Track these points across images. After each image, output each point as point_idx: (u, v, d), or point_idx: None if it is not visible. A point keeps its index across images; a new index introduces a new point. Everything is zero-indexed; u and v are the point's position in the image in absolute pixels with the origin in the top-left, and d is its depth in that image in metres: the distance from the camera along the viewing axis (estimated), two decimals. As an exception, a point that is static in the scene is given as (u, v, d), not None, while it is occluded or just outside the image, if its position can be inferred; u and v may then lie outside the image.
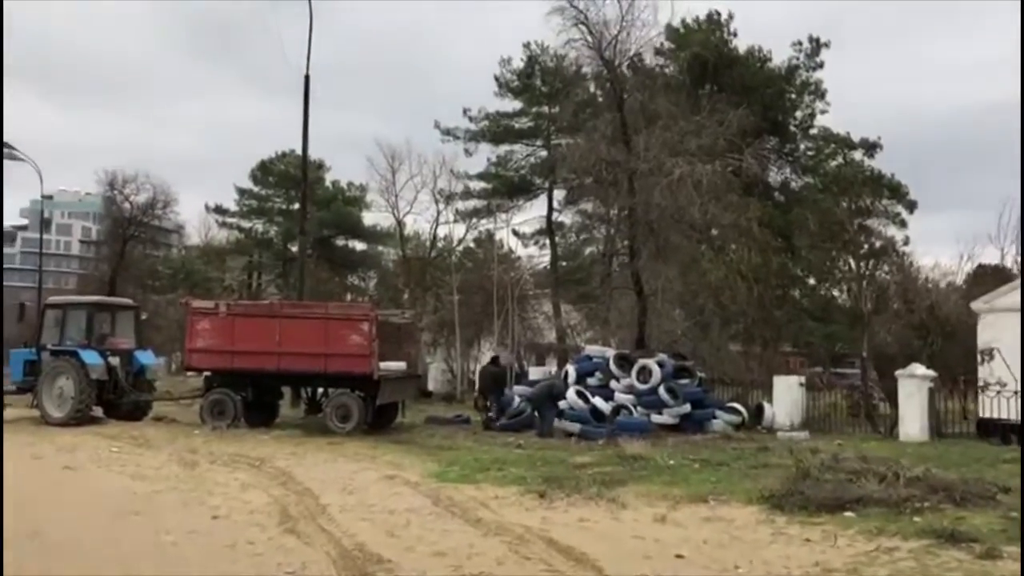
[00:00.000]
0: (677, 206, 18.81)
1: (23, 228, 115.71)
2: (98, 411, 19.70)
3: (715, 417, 18.89)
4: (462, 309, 30.83)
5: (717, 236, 23.43)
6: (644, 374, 18.84)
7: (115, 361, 19.47)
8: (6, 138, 39.10)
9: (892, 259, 23.00)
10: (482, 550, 7.76)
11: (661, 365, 18.91)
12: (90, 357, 18.78)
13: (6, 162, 40.05)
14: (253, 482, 11.46)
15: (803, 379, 19.99)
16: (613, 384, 19.28)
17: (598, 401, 18.74)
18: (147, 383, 20.17)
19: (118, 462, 13.28)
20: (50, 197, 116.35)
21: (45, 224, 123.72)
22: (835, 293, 26.24)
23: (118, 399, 19.55)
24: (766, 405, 19.35)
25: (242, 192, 57.92)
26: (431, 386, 28.07)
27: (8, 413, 19.49)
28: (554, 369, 28.59)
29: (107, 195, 50.29)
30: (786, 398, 19.16)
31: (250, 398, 18.68)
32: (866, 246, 23.89)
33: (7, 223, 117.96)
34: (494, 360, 22.45)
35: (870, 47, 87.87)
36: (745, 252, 23.15)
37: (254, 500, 10.04)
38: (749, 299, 22.55)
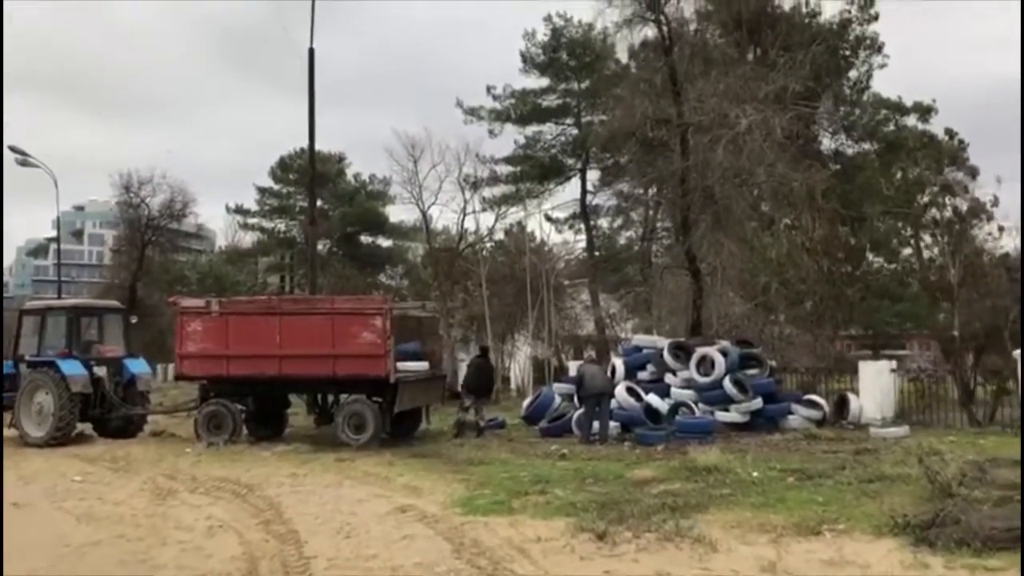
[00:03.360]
0: (739, 167, 15.93)
1: (56, 240, 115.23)
2: (88, 428, 17.50)
3: (791, 412, 16.15)
4: (493, 301, 28.28)
5: (776, 205, 20.53)
6: (705, 365, 16.13)
7: (101, 371, 17.15)
8: (23, 146, 37.77)
9: (982, 221, 19.99)
10: (522, 640, 5.18)
11: (724, 354, 16.18)
12: (70, 367, 16.46)
13: (28, 171, 38.65)
14: (228, 520, 8.99)
15: (894, 364, 17.10)
16: (668, 378, 16.60)
17: (652, 398, 16.08)
18: (140, 395, 17.76)
19: (77, 495, 10.89)
20: (82, 208, 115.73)
21: (78, 235, 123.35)
22: (913, 266, 23.12)
23: (106, 414, 17.22)
24: (851, 396, 16.53)
25: (263, 191, 56.15)
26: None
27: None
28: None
29: (122, 198, 48.52)
30: (874, 387, 16.35)
31: (252, 408, 16.33)
32: (950, 209, 20.94)
33: (40, 236, 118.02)
34: (482, 351, 18.69)
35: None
36: (809, 223, 20.23)
37: (217, 553, 7.54)
38: (819, 276, 19.68)
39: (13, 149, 37.50)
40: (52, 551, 7.84)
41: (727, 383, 15.74)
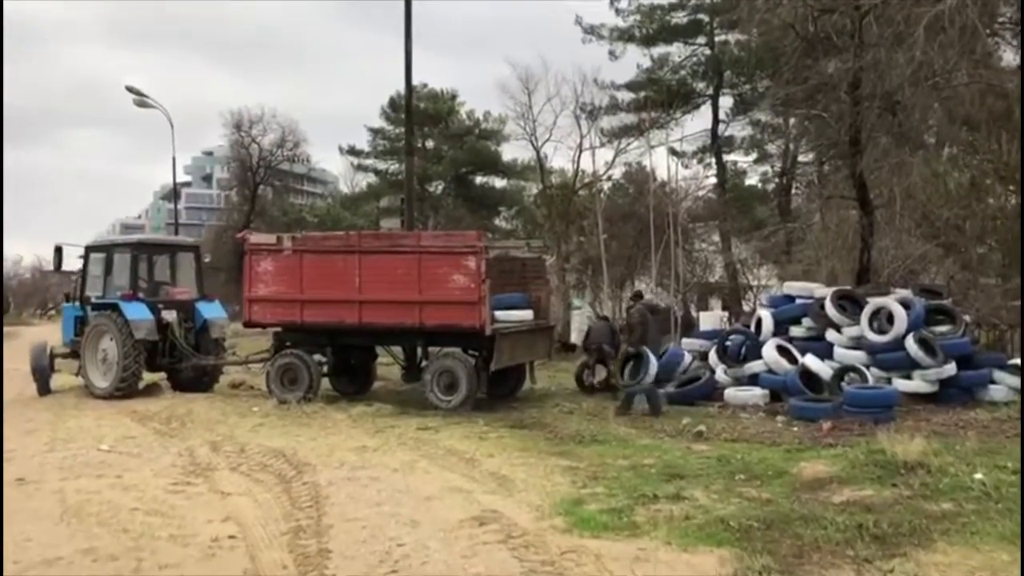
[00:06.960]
0: (936, 65, 12.16)
1: (187, 184, 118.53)
2: (163, 379, 15.90)
3: (993, 381, 12.63)
4: (611, 243, 25.30)
5: (955, 122, 16.52)
6: (881, 319, 12.75)
7: (171, 316, 15.36)
8: (160, 94, 37.03)
9: None
10: None
11: (907, 306, 12.77)
12: (134, 311, 14.70)
13: (146, 113, 37.97)
14: (249, 524, 6.66)
15: None
16: (831, 335, 13.34)
17: (810, 360, 12.91)
18: (214, 342, 15.91)
19: (96, 470, 8.89)
20: (211, 153, 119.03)
21: (208, 179, 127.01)
22: None
23: (176, 363, 15.48)
24: (1072, 363, 12.86)
25: (375, 132, 54.46)
26: (574, 337, 22.80)
27: (59, 381, 15.98)
28: (721, 313, 22.71)
29: (233, 137, 47.81)
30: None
31: (331, 361, 14.20)
32: None
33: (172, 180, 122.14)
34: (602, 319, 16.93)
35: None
36: (1005, 144, 16.20)
37: (199, 591, 5.17)
38: (1014, 211, 15.76)
39: (131, 90, 36.77)
40: (-4, 569, 5.68)
41: (910, 343, 12.33)
